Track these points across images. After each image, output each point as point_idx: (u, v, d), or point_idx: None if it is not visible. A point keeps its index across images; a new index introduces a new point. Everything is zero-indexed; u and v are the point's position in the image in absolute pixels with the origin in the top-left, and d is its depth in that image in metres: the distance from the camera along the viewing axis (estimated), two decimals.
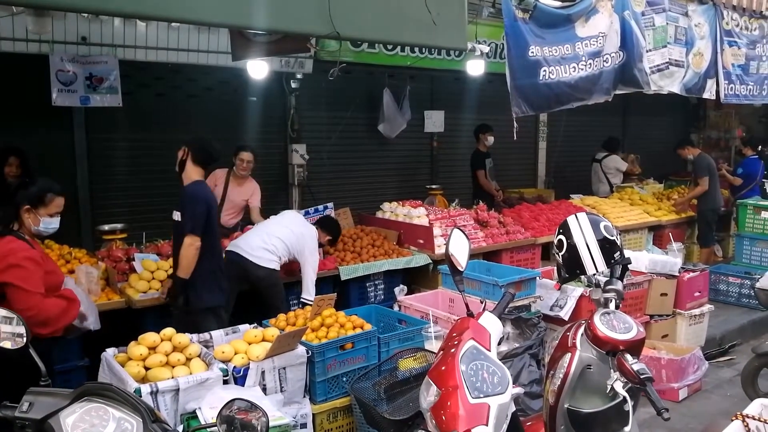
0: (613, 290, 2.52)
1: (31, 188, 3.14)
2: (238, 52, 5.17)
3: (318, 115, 7.36)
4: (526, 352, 3.92)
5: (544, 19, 5.05)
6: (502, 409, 2.03)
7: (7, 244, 2.99)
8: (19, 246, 3.00)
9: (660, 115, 10.68)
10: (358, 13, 3.84)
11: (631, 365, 2.21)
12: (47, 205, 3.13)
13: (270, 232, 4.61)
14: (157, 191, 6.35)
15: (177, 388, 3.03)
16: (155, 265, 4.39)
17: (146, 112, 6.31)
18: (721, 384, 4.87)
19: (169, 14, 3.50)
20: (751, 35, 6.81)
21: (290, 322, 3.85)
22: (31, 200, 3.10)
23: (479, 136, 7.52)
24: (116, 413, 1.74)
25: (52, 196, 3.15)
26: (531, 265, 5.92)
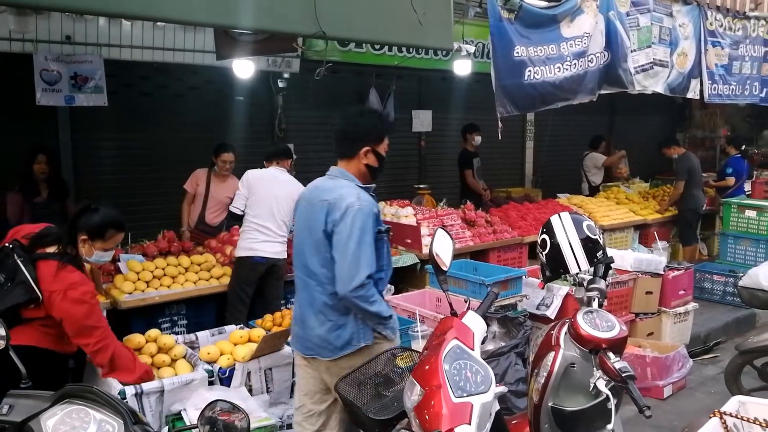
0: (596, 289, 2.54)
1: (94, 217, 2.92)
2: (223, 52, 5.16)
3: (305, 114, 7.35)
4: (512, 350, 3.94)
5: (529, 20, 5.07)
6: (485, 408, 2.04)
7: (70, 275, 2.82)
8: (80, 279, 2.86)
9: (646, 115, 10.77)
10: (344, 12, 3.84)
11: (613, 363, 2.23)
12: (106, 241, 2.94)
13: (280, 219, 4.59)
14: (143, 191, 6.33)
15: (162, 390, 3.03)
16: (141, 266, 4.37)
17: (132, 111, 6.27)
18: (706, 381, 4.91)
19: (153, 13, 3.47)
20: (735, 36, 6.88)
21: (277, 322, 3.84)
22: (92, 232, 2.91)
23: (466, 135, 7.54)
24: (97, 415, 1.74)
25: (114, 233, 2.96)
26: (518, 264, 5.94)
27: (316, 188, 2.86)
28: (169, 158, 6.37)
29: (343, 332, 2.71)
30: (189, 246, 4.89)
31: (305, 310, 2.78)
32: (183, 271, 4.46)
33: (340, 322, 2.70)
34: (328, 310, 2.70)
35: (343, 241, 2.59)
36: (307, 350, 2.81)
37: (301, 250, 2.80)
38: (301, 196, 2.95)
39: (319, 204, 2.72)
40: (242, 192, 4.59)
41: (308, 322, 2.76)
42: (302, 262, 2.79)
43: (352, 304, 2.63)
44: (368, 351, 2.74)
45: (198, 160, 5.73)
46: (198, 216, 5.53)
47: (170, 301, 4.32)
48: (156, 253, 4.66)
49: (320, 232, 2.67)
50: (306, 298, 2.78)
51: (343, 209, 2.62)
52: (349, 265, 2.57)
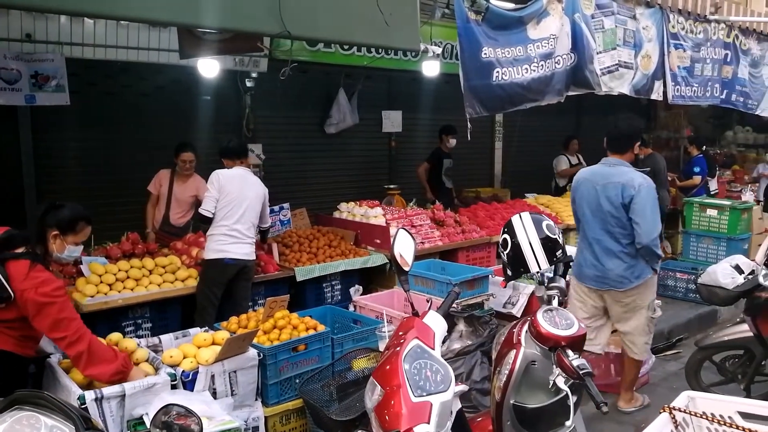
0: (555, 287, 2.58)
1: (64, 212, 2.96)
2: (187, 50, 5.10)
3: (274, 114, 7.31)
4: (479, 349, 3.98)
5: (496, 21, 5.11)
6: (444, 407, 2.06)
7: (41, 273, 2.81)
8: (50, 276, 2.85)
9: (612, 116, 10.85)
10: (310, 12, 3.83)
11: (572, 361, 2.27)
12: (77, 233, 2.98)
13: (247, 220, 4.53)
14: (107, 192, 6.22)
15: (123, 394, 2.97)
16: (103, 268, 4.29)
17: (95, 111, 6.16)
18: (668, 377, 5.02)
19: (115, 12, 3.43)
20: (696, 38, 7.03)
21: (242, 324, 3.81)
22: (62, 226, 2.93)
23: (442, 136, 7.61)
24: (48, 421, 1.70)
25: (84, 225, 3.00)
26: (486, 263, 6.00)
27: (598, 174, 4.06)
28: (134, 159, 6.27)
29: (635, 270, 3.93)
30: (153, 248, 4.83)
31: (602, 258, 3.98)
32: (147, 274, 4.40)
33: (632, 263, 3.92)
34: (623, 256, 3.92)
35: (641, 208, 3.79)
36: (603, 285, 4.02)
37: (594, 217, 4.00)
38: (582, 179, 4.13)
39: (611, 184, 3.91)
40: (212, 194, 4.46)
41: (607, 266, 3.97)
42: (595, 224, 4.00)
43: (648, 250, 3.84)
44: (649, 282, 4.00)
45: (163, 160, 5.65)
46: (162, 217, 5.46)
47: (134, 304, 4.25)
48: (119, 255, 4.59)
49: (617, 203, 3.86)
50: (602, 250, 3.98)
51: (637, 187, 3.82)
52: (649, 224, 3.79)
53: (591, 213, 4.02)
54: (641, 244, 3.80)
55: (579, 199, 4.12)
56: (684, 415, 1.92)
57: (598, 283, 4.04)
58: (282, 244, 5.32)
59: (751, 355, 4.14)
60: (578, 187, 4.13)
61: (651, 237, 3.78)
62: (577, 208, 4.16)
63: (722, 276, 3.94)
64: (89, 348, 2.88)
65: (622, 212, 3.85)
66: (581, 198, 4.09)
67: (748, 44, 7.82)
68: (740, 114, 7.80)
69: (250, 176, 4.69)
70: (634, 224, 3.81)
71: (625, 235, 3.88)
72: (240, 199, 4.48)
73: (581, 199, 4.09)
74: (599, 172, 4.05)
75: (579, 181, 4.15)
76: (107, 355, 2.97)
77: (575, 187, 4.17)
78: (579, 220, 4.18)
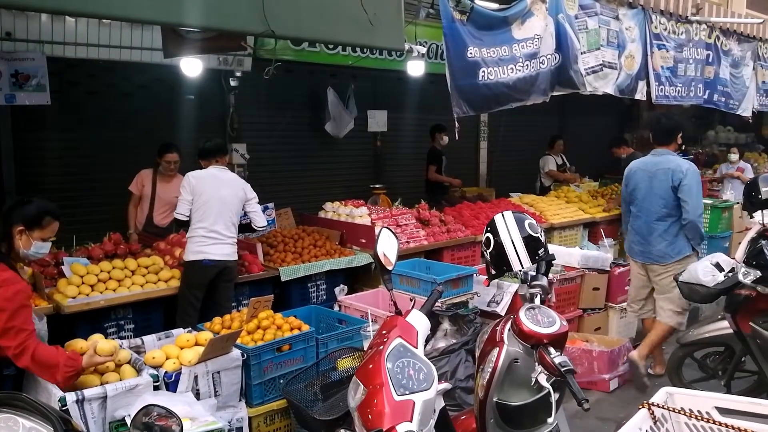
0: (538, 286, 2.59)
1: (29, 208, 2.89)
2: (171, 50, 5.06)
3: (259, 114, 7.28)
4: (463, 348, 3.98)
5: (481, 21, 5.13)
6: (427, 405, 2.06)
7: (2, 273, 2.74)
8: (11, 277, 2.77)
9: (596, 116, 11.04)
10: (293, 11, 3.82)
11: (553, 358, 2.28)
12: (44, 229, 2.90)
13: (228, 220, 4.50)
14: (90, 193, 6.17)
15: (105, 396, 2.94)
16: (85, 269, 4.25)
17: (77, 110, 6.10)
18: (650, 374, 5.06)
19: (97, 10, 3.40)
20: (678, 39, 7.10)
21: (225, 325, 3.79)
22: (28, 221, 2.86)
23: (435, 135, 7.65)
24: (26, 423, 1.68)
25: (51, 220, 2.93)
26: (471, 262, 6.02)
27: (649, 163, 4.79)
28: (117, 158, 6.21)
29: (675, 247, 4.64)
30: (136, 248, 4.79)
31: (648, 236, 4.72)
32: (129, 274, 4.36)
33: (673, 241, 4.63)
34: (666, 234, 4.63)
35: (689, 189, 4.50)
36: (647, 259, 4.77)
37: (646, 198, 4.71)
38: (636, 168, 4.85)
39: (661, 171, 4.63)
40: (185, 197, 4.43)
41: (652, 242, 4.70)
42: (649, 207, 4.69)
43: (694, 225, 4.53)
44: (688, 259, 4.54)
45: (147, 160, 5.61)
46: (146, 218, 5.42)
47: (116, 305, 4.21)
48: (101, 255, 4.54)
49: (668, 186, 4.57)
50: (649, 229, 4.70)
51: (684, 171, 4.56)
52: (695, 202, 4.49)
53: (642, 197, 4.76)
54: (688, 220, 4.52)
55: (633, 185, 4.84)
56: (663, 411, 1.94)
57: (643, 258, 4.82)
58: (266, 244, 5.30)
59: (731, 352, 4.20)
60: (632, 176, 4.87)
61: (697, 213, 4.53)
62: (630, 193, 4.87)
63: (703, 274, 3.98)
64: (33, 362, 2.79)
65: (671, 195, 4.58)
66: (635, 184, 4.81)
67: (729, 45, 7.92)
68: (722, 114, 7.92)
69: (225, 174, 4.63)
70: (683, 203, 4.51)
71: (670, 216, 4.61)
72: (214, 198, 4.44)
73: (635, 185, 4.81)
74: (650, 162, 4.79)
75: (633, 170, 4.88)
76: (50, 360, 2.84)
77: (629, 175, 4.90)
78: (630, 203, 4.90)
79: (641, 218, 4.77)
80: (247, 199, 4.61)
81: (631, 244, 4.94)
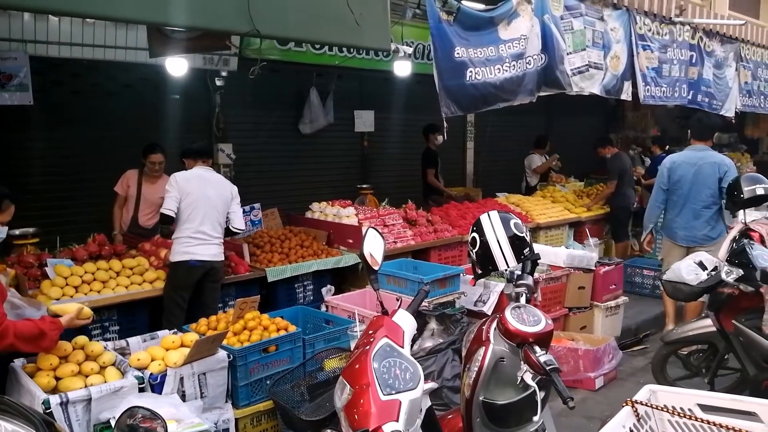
0: (523, 285, 2.60)
1: None
2: (156, 49, 5.03)
3: (245, 113, 7.25)
4: (450, 347, 3.98)
5: (467, 22, 5.15)
6: (414, 405, 2.06)
7: None
8: None
9: (581, 116, 11.12)
10: (279, 11, 3.81)
11: (539, 357, 2.28)
12: (3, 212, 2.98)
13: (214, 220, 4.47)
14: (74, 194, 6.11)
15: (89, 398, 2.92)
16: (69, 270, 4.21)
17: (61, 110, 6.04)
18: (635, 372, 5.11)
19: (80, 9, 3.37)
20: (663, 40, 7.17)
21: (211, 326, 3.77)
22: None
23: (428, 135, 7.65)
24: (8, 426, 1.67)
25: (9, 203, 3.01)
26: (458, 262, 6.03)
27: (692, 157, 5.37)
28: (101, 159, 6.15)
29: (716, 230, 5.28)
30: (121, 249, 4.74)
31: (693, 221, 5.33)
32: (114, 276, 4.33)
33: (715, 225, 5.29)
34: (710, 220, 5.27)
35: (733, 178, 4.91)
36: (692, 242, 5.33)
37: (692, 189, 5.29)
38: (680, 162, 5.41)
39: (707, 164, 5.27)
40: (173, 193, 4.37)
41: (698, 227, 5.31)
42: (696, 196, 5.28)
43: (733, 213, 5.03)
44: (722, 240, 4.67)
45: (132, 160, 5.56)
46: (131, 219, 5.37)
47: (101, 307, 4.16)
48: (86, 257, 4.50)
49: (714, 177, 5.20)
50: (694, 215, 5.31)
51: (728, 164, 5.27)
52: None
53: (688, 187, 5.31)
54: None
55: (678, 177, 5.36)
56: (646, 409, 1.96)
57: (687, 241, 5.37)
58: (253, 244, 5.28)
59: (715, 350, 4.25)
60: (676, 168, 5.39)
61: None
62: (674, 184, 5.40)
63: (686, 272, 4.03)
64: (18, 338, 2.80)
65: (716, 185, 5.20)
66: (680, 176, 5.34)
67: (712, 46, 8.01)
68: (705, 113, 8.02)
69: (211, 175, 4.61)
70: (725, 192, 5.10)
71: (714, 204, 5.26)
72: (201, 199, 4.41)
73: (681, 176, 5.34)
74: (693, 156, 5.38)
75: (676, 163, 5.43)
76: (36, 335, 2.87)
77: (673, 168, 5.41)
78: (672, 192, 5.42)
79: (687, 206, 5.33)
80: (231, 199, 4.59)
81: (674, 230, 5.45)
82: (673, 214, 5.45)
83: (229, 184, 4.66)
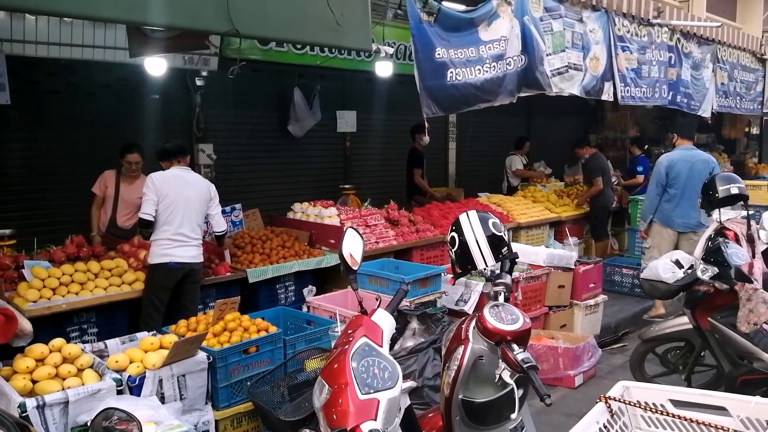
0: (502, 284, 2.62)
1: None
2: (136, 49, 4.99)
3: (225, 113, 7.20)
4: (431, 346, 4.00)
5: (448, 23, 5.17)
6: (392, 404, 2.07)
7: None
8: None
9: (562, 117, 11.22)
10: (259, 10, 3.79)
11: (516, 355, 2.30)
12: None
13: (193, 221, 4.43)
14: (51, 195, 6.03)
15: (66, 401, 2.89)
16: (46, 272, 4.16)
17: (38, 110, 5.95)
18: (614, 370, 5.17)
19: (57, 8, 3.33)
20: (641, 41, 7.26)
21: (191, 328, 3.75)
22: None
23: (415, 135, 7.66)
24: None
25: None
26: (441, 261, 6.06)
27: (686, 155, 6.06)
28: (80, 159, 6.08)
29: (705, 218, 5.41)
30: (99, 251, 4.70)
31: (690, 210, 5.91)
32: (92, 277, 4.29)
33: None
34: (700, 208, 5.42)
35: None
36: (687, 228, 6.02)
37: (687, 183, 5.92)
38: (677, 159, 6.05)
39: (699, 161, 6.02)
40: (150, 197, 4.33)
41: (692, 215, 5.94)
42: (692, 188, 5.75)
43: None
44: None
45: (109, 161, 5.50)
46: (109, 220, 5.31)
47: (79, 309, 4.14)
48: (63, 258, 4.44)
49: (706, 172, 5.72)
50: (691, 205, 5.77)
51: (714, 161, 6.13)
52: None
53: (685, 181, 5.94)
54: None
55: (675, 173, 6.00)
56: (619, 404, 1.99)
57: (683, 227, 6.04)
58: (234, 245, 5.26)
59: (691, 347, 4.31)
60: (673, 166, 6.03)
61: None
62: (671, 179, 6.01)
63: (663, 271, 4.08)
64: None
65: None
66: (678, 172, 5.99)
67: (690, 47, 8.13)
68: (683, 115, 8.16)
69: (189, 175, 4.57)
70: None
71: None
72: (179, 200, 4.37)
73: (678, 173, 5.99)
74: (686, 154, 6.09)
75: (673, 161, 6.06)
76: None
77: (670, 166, 6.04)
78: (670, 187, 6.02)
79: (685, 197, 5.97)
80: (210, 199, 4.56)
81: (672, 218, 6.06)
82: (672, 205, 6.05)
83: (208, 184, 4.63)
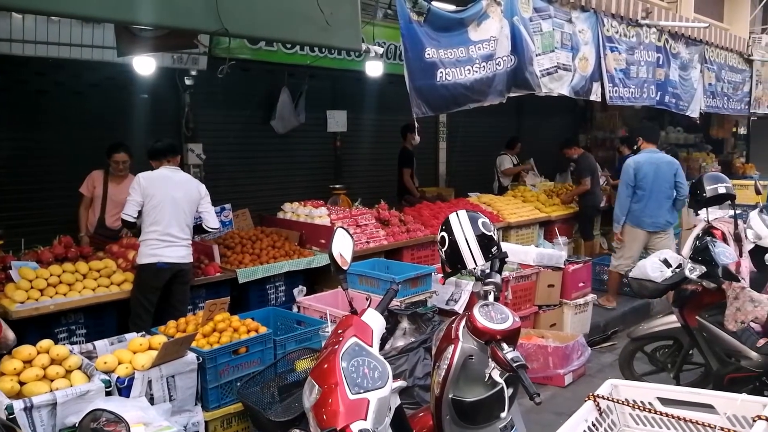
0: (491, 283, 2.63)
1: None
2: (124, 48, 4.95)
3: (215, 113, 7.17)
4: (421, 346, 4.00)
5: (438, 23, 5.17)
6: (382, 403, 2.07)
7: None
8: None
9: (551, 117, 11.26)
10: (248, 10, 3.77)
11: (505, 354, 2.31)
12: None
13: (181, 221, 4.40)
14: (39, 195, 5.97)
15: (54, 403, 2.87)
16: (34, 273, 4.12)
17: (25, 110, 5.90)
18: (603, 368, 5.20)
19: (44, 7, 3.30)
20: (630, 42, 7.30)
21: (180, 328, 3.73)
22: None
23: (406, 135, 7.66)
24: None
25: None
26: (431, 261, 6.06)
27: (652, 158, 6.30)
28: (68, 159, 6.03)
29: (673, 217, 6.35)
30: (88, 251, 4.66)
31: (658, 210, 6.22)
32: (81, 278, 4.25)
33: (672, 212, 6.33)
34: (669, 208, 6.26)
35: (682, 175, 6.28)
36: (656, 228, 6.25)
37: (654, 184, 6.16)
38: (643, 162, 6.24)
39: (664, 163, 6.28)
40: (134, 198, 4.31)
41: (662, 215, 6.23)
42: (659, 189, 6.17)
43: (684, 201, 6.27)
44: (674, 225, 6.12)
45: (98, 161, 5.47)
46: (97, 220, 5.28)
47: (67, 310, 4.10)
48: (51, 259, 4.41)
49: (671, 174, 6.22)
50: (659, 205, 6.19)
51: (677, 163, 6.39)
52: (685, 186, 5.98)
53: (652, 182, 6.15)
54: (684, 195, 6.19)
55: (643, 175, 6.18)
56: (608, 403, 2.00)
57: (653, 227, 6.23)
58: (224, 245, 5.24)
59: (680, 345, 4.35)
60: (641, 167, 6.21)
61: (687, 192, 5.95)
62: (640, 181, 6.19)
63: (651, 270, 4.11)
64: None
65: (672, 179, 6.20)
66: (645, 174, 6.18)
67: (678, 48, 8.18)
68: (671, 115, 8.21)
69: (177, 175, 4.54)
70: (679, 185, 6.20)
71: (670, 195, 6.24)
72: (167, 200, 4.34)
73: (645, 174, 6.18)
74: (651, 157, 6.31)
75: (640, 163, 6.24)
76: None
77: (638, 168, 6.22)
78: (638, 188, 6.19)
79: (652, 198, 6.17)
80: (200, 198, 4.53)
81: (641, 218, 6.22)
82: (641, 206, 6.21)
83: (197, 183, 4.61)
